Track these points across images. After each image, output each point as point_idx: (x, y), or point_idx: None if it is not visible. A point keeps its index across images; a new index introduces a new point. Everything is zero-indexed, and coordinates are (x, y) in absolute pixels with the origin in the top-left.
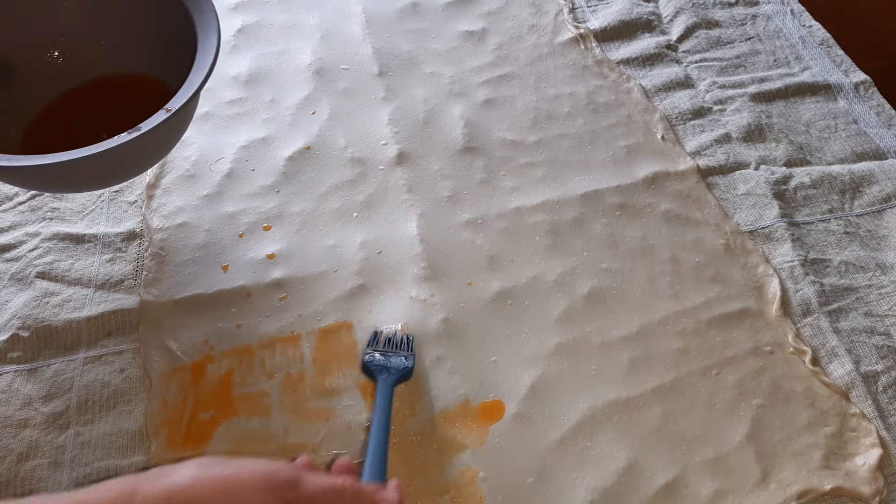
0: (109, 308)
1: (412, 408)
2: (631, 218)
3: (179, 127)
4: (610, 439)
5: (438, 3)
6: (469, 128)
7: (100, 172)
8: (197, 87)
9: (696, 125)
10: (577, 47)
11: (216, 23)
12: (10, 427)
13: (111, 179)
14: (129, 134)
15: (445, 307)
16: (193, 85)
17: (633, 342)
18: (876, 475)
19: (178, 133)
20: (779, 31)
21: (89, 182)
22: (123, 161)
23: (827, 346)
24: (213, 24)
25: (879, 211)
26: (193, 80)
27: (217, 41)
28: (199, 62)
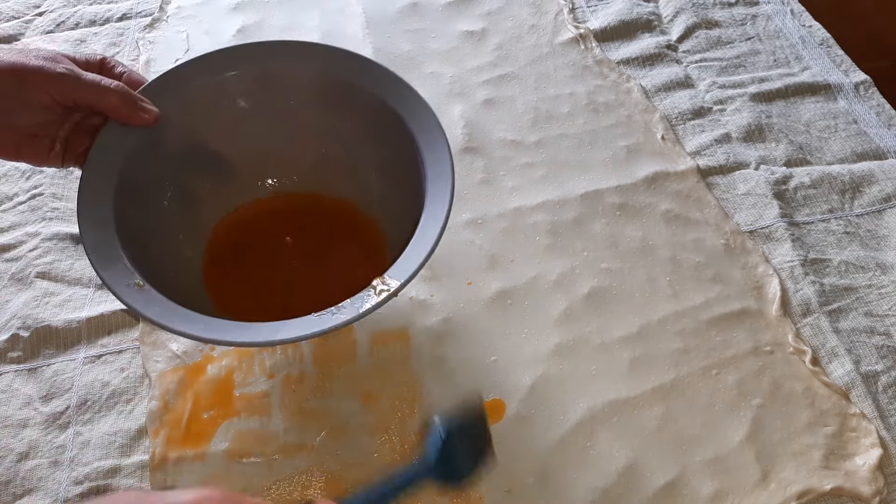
0: (109, 308)
1: (412, 408)
2: (631, 218)
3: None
4: (610, 439)
5: (438, 3)
6: (469, 128)
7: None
8: (418, 266)
9: (696, 125)
10: (577, 47)
11: (451, 181)
12: (10, 427)
13: None
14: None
15: (445, 307)
16: (413, 262)
17: (633, 342)
18: (876, 475)
19: None
20: (779, 31)
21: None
22: None
23: (827, 346)
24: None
25: (879, 211)
26: (415, 252)
27: (448, 205)
28: (422, 233)
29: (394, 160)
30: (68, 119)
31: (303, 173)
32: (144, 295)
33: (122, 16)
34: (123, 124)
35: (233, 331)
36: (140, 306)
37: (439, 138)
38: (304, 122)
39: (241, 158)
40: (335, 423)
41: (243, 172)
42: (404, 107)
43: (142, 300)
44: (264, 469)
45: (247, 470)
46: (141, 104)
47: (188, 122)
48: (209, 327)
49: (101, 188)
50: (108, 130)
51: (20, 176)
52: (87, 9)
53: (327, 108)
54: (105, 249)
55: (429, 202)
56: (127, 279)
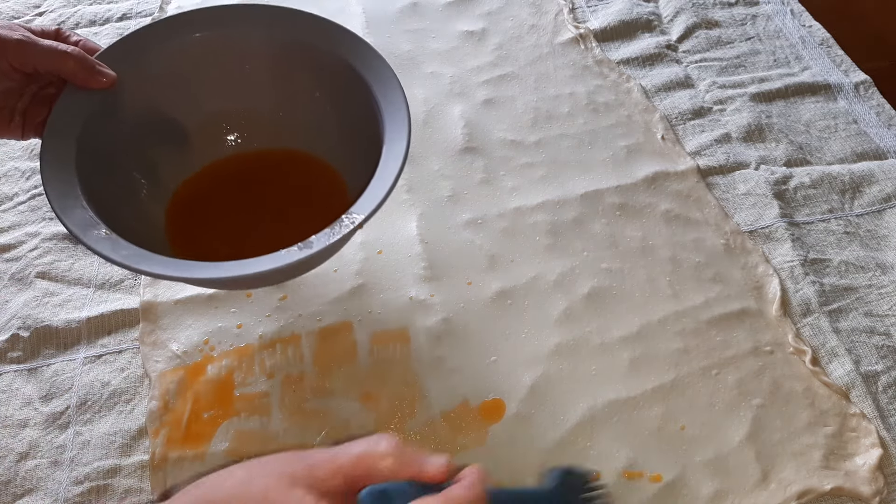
0: (109, 308)
1: (412, 408)
2: (631, 218)
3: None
4: (610, 439)
5: (438, 3)
6: (469, 128)
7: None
8: (382, 197)
9: (696, 125)
10: (577, 47)
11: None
12: (10, 427)
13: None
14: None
15: (445, 307)
16: (378, 195)
17: (633, 342)
18: (876, 475)
19: (342, 245)
20: (779, 31)
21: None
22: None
23: (827, 346)
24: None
25: (879, 211)
26: (377, 188)
27: (406, 144)
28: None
29: (351, 112)
30: (26, 90)
31: (263, 132)
32: (111, 242)
33: (122, 16)
34: (81, 89)
35: (200, 269)
36: (108, 251)
37: (394, 86)
38: (262, 84)
39: (201, 120)
40: (335, 423)
41: (203, 134)
42: (358, 60)
43: (109, 246)
44: None
45: None
46: (98, 68)
47: (146, 86)
48: (177, 267)
49: (63, 150)
50: (66, 95)
51: (20, 176)
52: (87, 9)
53: (283, 68)
54: (70, 202)
55: (387, 146)
56: (94, 229)
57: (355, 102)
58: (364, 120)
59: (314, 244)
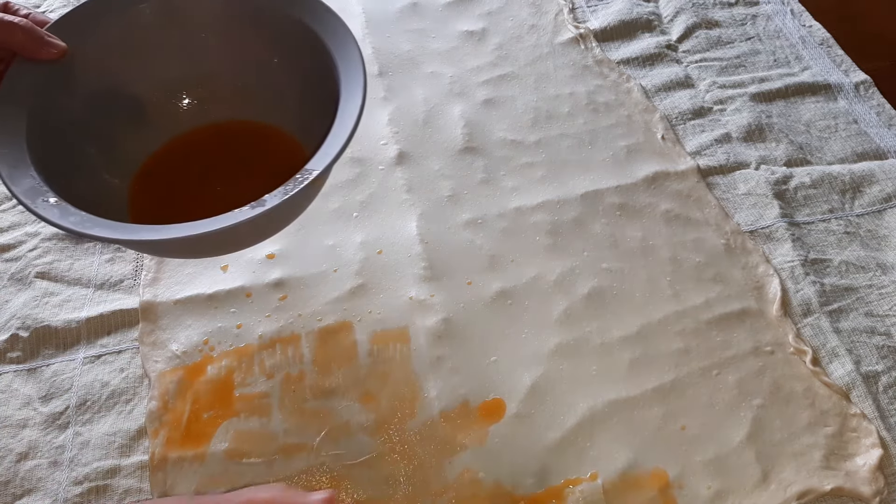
0: (109, 308)
1: (412, 408)
2: (631, 218)
3: (310, 195)
4: (610, 439)
5: (438, 3)
6: (469, 128)
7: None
8: (336, 152)
9: (696, 125)
10: (577, 47)
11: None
12: (10, 427)
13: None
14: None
15: (445, 307)
16: (331, 152)
17: (633, 342)
18: (876, 475)
19: (306, 203)
20: (779, 31)
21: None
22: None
23: (827, 347)
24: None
25: (880, 211)
26: (332, 144)
27: (360, 104)
28: (338, 127)
29: (311, 77)
30: None
31: (221, 101)
32: (60, 209)
33: None
34: (31, 60)
35: (152, 231)
36: (56, 217)
37: (349, 42)
38: (216, 51)
39: (157, 92)
40: (335, 423)
41: (160, 107)
42: (311, 17)
43: (57, 213)
44: (264, 469)
45: (246, 470)
46: (47, 38)
47: (98, 57)
48: (128, 230)
49: (13, 121)
50: (16, 67)
51: None
52: None
53: (237, 33)
54: (19, 171)
55: (342, 104)
56: (42, 196)
57: (312, 65)
58: (322, 82)
59: (267, 202)
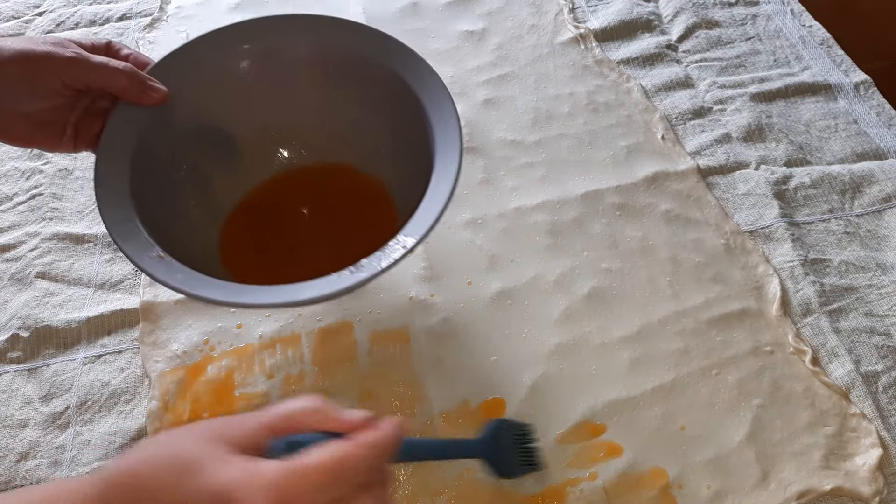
0: (109, 308)
1: (412, 408)
2: (631, 218)
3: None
4: (610, 439)
5: (438, 3)
6: (469, 128)
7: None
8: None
9: (696, 125)
10: (577, 47)
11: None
12: (10, 427)
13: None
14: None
15: (445, 307)
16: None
17: (633, 342)
18: (876, 475)
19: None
20: (779, 31)
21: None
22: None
23: (827, 346)
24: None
25: (880, 211)
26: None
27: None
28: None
29: (401, 126)
30: (78, 104)
31: (313, 146)
32: (166, 265)
33: (122, 16)
34: (134, 105)
35: (255, 294)
36: (162, 275)
37: (445, 100)
38: (311, 96)
39: (252, 135)
40: None
41: (254, 149)
42: (407, 70)
43: (164, 269)
44: None
45: None
46: (149, 83)
47: (196, 100)
48: (231, 292)
49: (116, 168)
50: (119, 111)
51: (20, 176)
52: (87, 9)
53: (332, 80)
54: (124, 225)
55: (438, 165)
56: (148, 252)
57: (406, 118)
58: (414, 136)
59: (365, 268)
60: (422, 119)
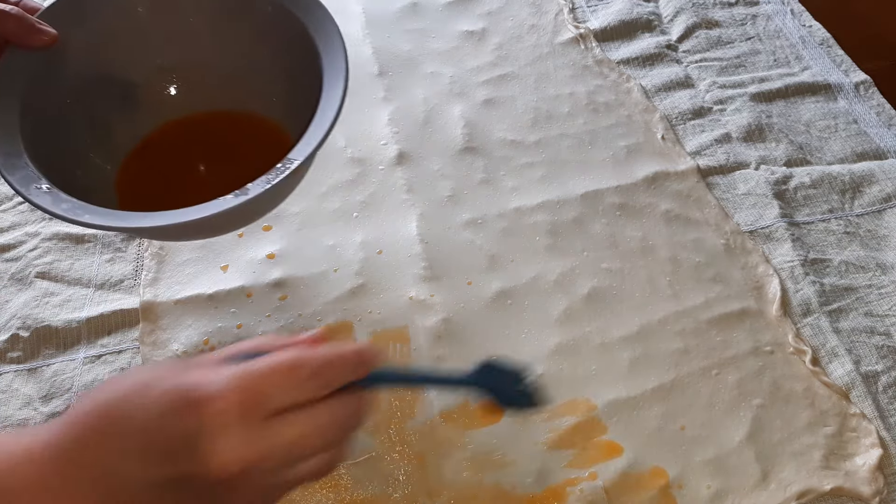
0: (109, 308)
1: (412, 408)
2: (631, 218)
3: (292, 183)
4: (610, 439)
5: (438, 3)
6: (469, 128)
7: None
8: (318, 142)
9: (696, 125)
10: (577, 47)
11: (345, 65)
12: (10, 427)
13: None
14: (236, 197)
15: (445, 307)
16: (313, 141)
17: (633, 342)
18: (876, 475)
19: (288, 191)
20: (779, 31)
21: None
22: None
23: (827, 346)
24: (342, 67)
25: (880, 211)
26: (314, 134)
27: (343, 88)
28: (320, 116)
29: (295, 65)
30: None
31: (209, 90)
32: (52, 196)
33: None
34: (22, 48)
35: (140, 219)
36: (48, 205)
37: (332, 31)
38: (206, 39)
39: (146, 79)
40: None
41: (149, 93)
42: (298, 7)
43: (49, 200)
44: None
45: None
46: (38, 26)
47: (89, 44)
48: (116, 217)
49: (6, 111)
50: (7, 55)
51: None
52: None
53: (225, 21)
54: (11, 160)
55: (325, 93)
56: (35, 183)
57: (298, 54)
58: (307, 72)
59: (250, 191)
60: (314, 56)
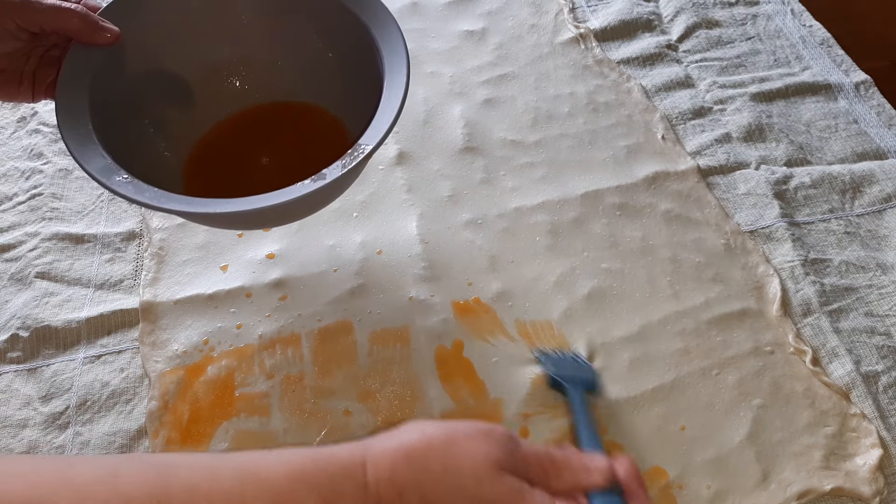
0: (109, 308)
1: (412, 408)
2: (631, 218)
3: (360, 170)
4: (610, 439)
5: (438, 2)
6: (469, 128)
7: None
8: (386, 130)
9: (696, 125)
10: (578, 47)
11: (406, 59)
12: (10, 427)
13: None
14: (314, 182)
15: (445, 307)
16: (381, 129)
17: (633, 342)
18: (876, 475)
19: (355, 178)
20: (779, 31)
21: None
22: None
23: (827, 346)
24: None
25: (880, 211)
26: (380, 122)
27: (405, 84)
28: (386, 104)
29: (351, 58)
30: (32, 52)
31: (267, 84)
32: (135, 186)
33: None
34: (87, 46)
35: (222, 205)
36: (132, 193)
37: (391, 25)
38: (261, 34)
39: (205, 74)
40: (335, 423)
41: (208, 88)
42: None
43: (132, 189)
44: None
45: None
46: (101, 24)
47: (149, 40)
48: (199, 204)
49: (77, 106)
50: (73, 53)
51: (20, 176)
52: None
53: (280, 17)
54: (91, 156)
55: (388, 81)
56: (116, 175)
57: (355, 47)
58: (364, 64)
59: (327, 175)
60: (372, 50)
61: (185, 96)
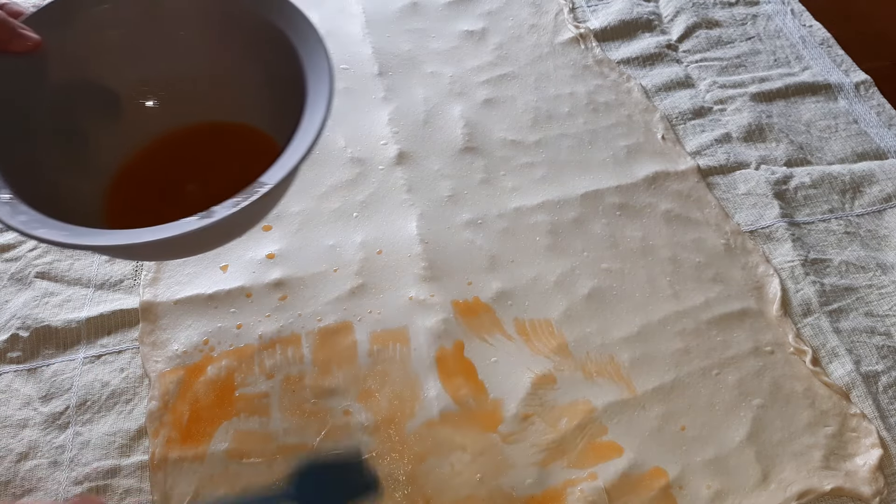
0: (109, 308)
1: (412, 408)
2: (631, 218)
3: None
4: (610, 440)
5: (438, 2)
6: (469, 128)
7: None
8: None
9: (696, 125)
10: (578, 47)
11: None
12: (10, 427)
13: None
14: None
15: (445, 307)
16: (287, 165)
17: (633, 342)
18: (876, 475)
19: (262, 213)
20: (779, 31)
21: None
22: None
23: (827, 346)
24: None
25: (880, 211)
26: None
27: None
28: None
29: (279, 78)
30: None
31: (196, 101)
32: (11, 206)
33: None
34: (3, 52)
35: (98, 236)
36: (4, 215)
37: (318, 50)
38: (192, 50)
39: (130, 91)
40: (335, 423)
41: (133, 106)
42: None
43: (8, 210)
44: (264, 469)
45: (247, 470)
46: (20, 31)
47: (73, 52)
48: (76, 234)
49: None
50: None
51: None
52: None
53: (212, 33)
54: None
55: (306, 116)
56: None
57: (283, 66)
58: (293, 85)
59: (216, 213)
60: (299, 69)
61: (108, 113)
